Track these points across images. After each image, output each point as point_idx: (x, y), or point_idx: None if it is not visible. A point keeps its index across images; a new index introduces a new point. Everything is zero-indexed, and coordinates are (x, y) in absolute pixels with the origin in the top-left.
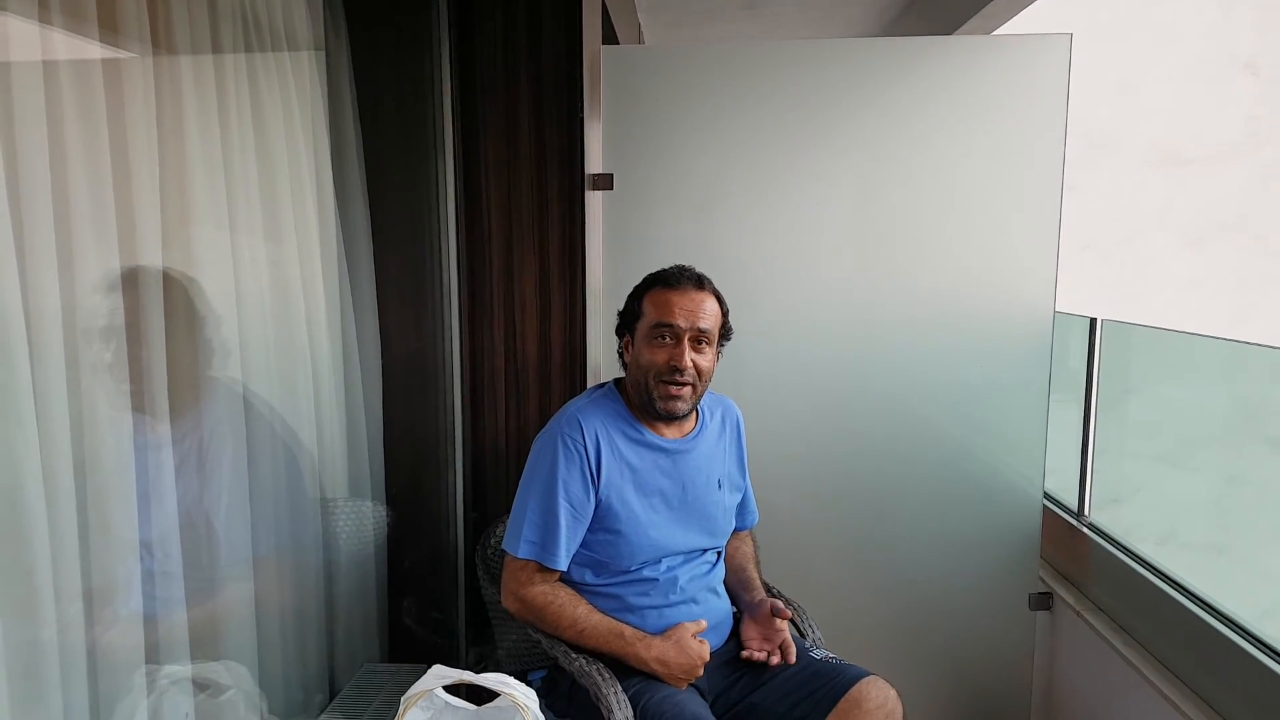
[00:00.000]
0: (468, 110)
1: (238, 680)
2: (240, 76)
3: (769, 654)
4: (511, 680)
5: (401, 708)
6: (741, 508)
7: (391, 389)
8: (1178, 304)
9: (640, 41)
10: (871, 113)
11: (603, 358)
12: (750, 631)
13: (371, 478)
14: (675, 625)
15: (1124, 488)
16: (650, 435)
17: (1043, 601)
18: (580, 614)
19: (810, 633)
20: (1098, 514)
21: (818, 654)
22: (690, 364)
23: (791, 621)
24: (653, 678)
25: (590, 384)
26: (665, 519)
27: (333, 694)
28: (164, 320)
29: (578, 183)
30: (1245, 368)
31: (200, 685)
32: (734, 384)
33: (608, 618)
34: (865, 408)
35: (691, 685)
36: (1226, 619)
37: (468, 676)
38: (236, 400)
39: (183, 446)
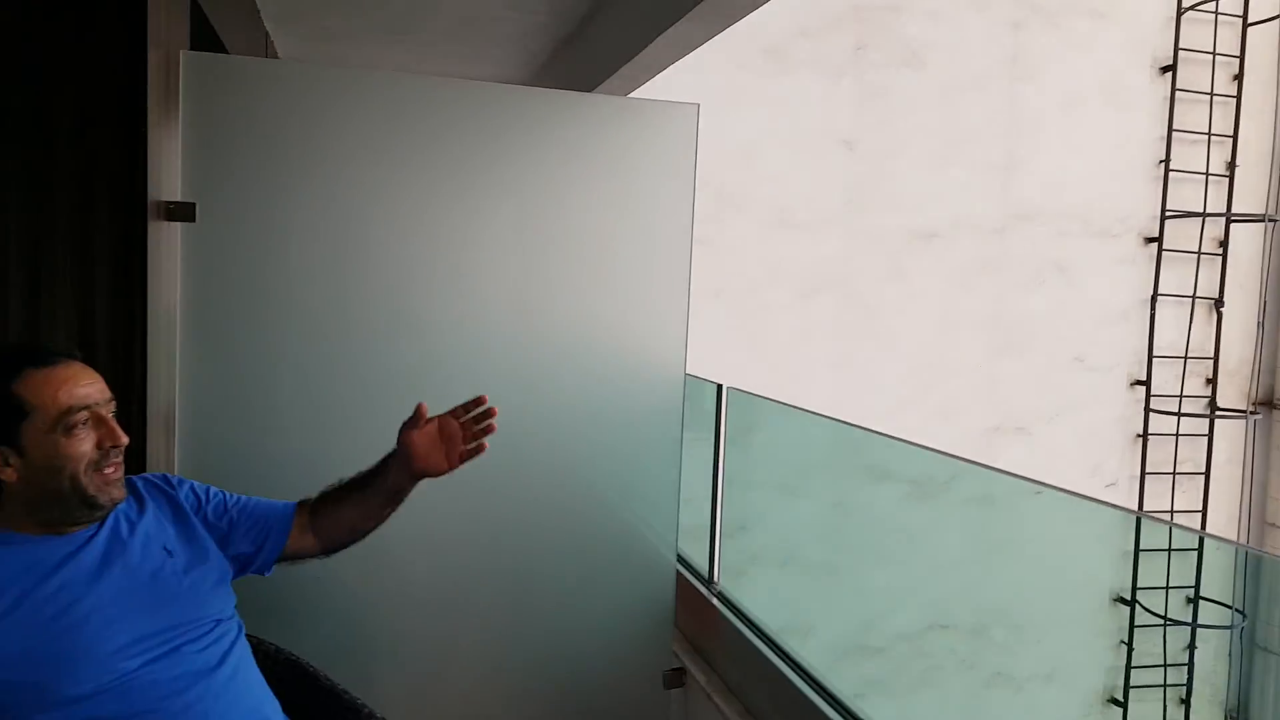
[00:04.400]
0: None
1: None
2: None
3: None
4: None
5: None
6: (269, 515)
7: None
8: (792, 348)
9: (272, 56)
10: (511, 161)
11: (186, 415)
12: (425, 448)
13: None
14: None
15: (749, 516)
16: (46, 541)
17: (676, 679)
18: None
19: None
20: (725, 580)
21: None
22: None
23: None
24: None
25: (152, 468)
26: (107, 613)
27: None
28: None
29: (139, 211)
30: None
31: None
32: (344, 453)
33: None
34: (502, 469)
35: None
36: (841, 706)
37: None
38: None
39: None
